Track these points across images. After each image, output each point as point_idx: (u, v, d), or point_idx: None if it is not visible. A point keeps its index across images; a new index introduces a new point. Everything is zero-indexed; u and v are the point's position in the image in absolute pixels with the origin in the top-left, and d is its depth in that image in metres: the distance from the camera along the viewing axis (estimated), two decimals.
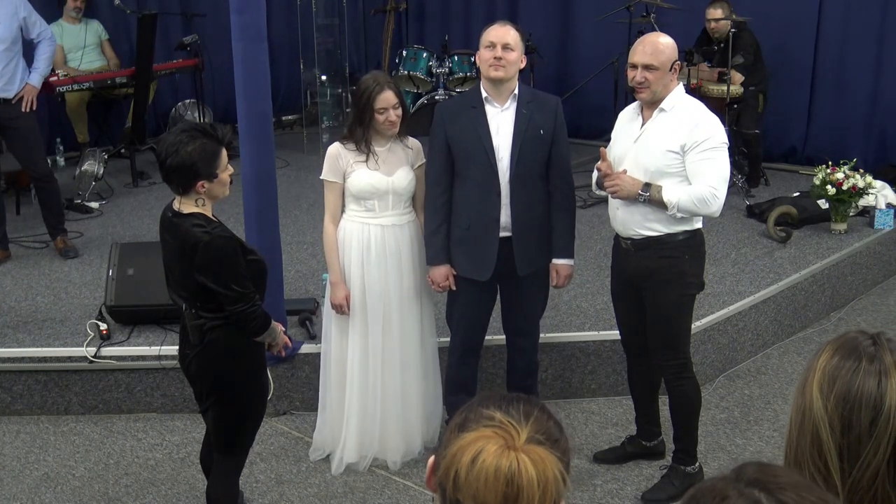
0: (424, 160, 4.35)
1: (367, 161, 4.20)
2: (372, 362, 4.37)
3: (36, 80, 6.33)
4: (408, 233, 4.35)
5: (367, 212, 4.27)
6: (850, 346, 1.64)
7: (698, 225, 4.02)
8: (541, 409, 1.53)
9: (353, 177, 4.21)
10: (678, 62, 3.90)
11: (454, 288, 4.31)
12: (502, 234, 4.19)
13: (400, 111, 4.17)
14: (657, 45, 3.89)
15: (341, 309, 4.31)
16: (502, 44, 4.07)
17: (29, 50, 6.41)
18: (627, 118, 4.13)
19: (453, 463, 1.47)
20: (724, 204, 3.91)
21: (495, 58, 4.06)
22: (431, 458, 1.57)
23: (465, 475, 1.45)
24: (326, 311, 4.46)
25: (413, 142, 4.37)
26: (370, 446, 4.49)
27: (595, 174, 4.13)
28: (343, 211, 4.33)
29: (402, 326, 4.39)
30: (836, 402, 1.58)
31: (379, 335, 4.34)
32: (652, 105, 3.94)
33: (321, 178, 4.31)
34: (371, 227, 4.27)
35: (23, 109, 6.22)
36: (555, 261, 4.33)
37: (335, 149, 4.26)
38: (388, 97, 4.12)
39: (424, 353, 4.52)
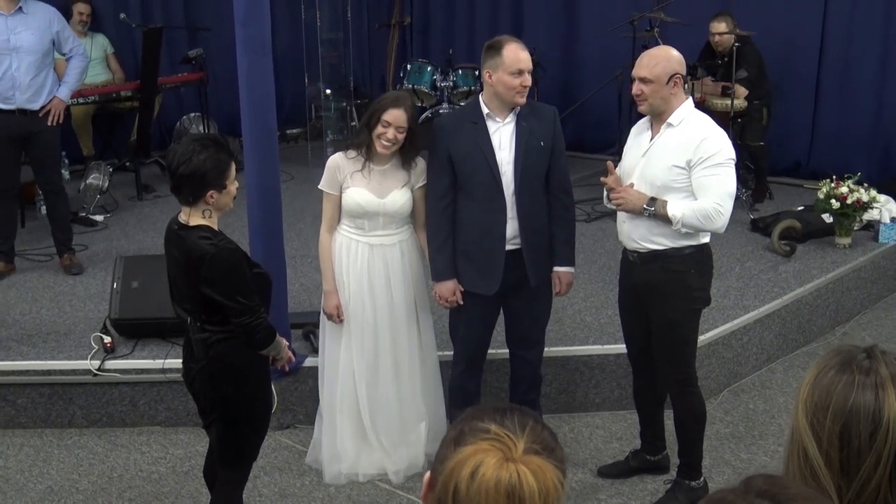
0: (426, 181, 4.31)
1: (362, 170, 4.19)
2: (358, 377, 4.37)
3: (65, 93, 6.34)
4: (398, 252, 4.33)
5: (356, 229, 4.29)
6: (844, 360, 1.63)
7: (705, 240, 4.00)
8: (534, 419, 1.53)
9: (347, 193, 4.22)
10: (678, 75, 3.88)
11: (461, 303, 4.31)
12: (508, 246, 4.20)
13: (402, 136, 4.13)
14: (654, 58, 3.90)
15: (333, 318, 4.34)
16: (529, 70, 4.08)
17: None
18: (637, 132, 4.13)
19: (452, 477, 1.46)
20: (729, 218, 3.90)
21: (524, 85, 4.06)
22: (427, 474, 1.56)
23: (465, 489, 1.44)
24: (322, 326, 4.47)
25: (418, 160, 4.34)
26: (365, 460, 4.47)
27: (605, 200, 4.16)
28: (339, 221, 4.35)
29: (395, 343, 4.39)
30: (833, 416, 1.57)
31: (370, 350, 4.34)
32: (660, 119, 3.94)
33: (319, 186, 4.32)
34: (359, 245, 4.29)
35: (49, 123, 6.23)
36: (556, 268, 4.33)
37: (335, 160, 4.28)
38: (398, 115, 4.08)
39: (424, 369, 4.51)
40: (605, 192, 4.17)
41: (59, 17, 6.35)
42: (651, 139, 3.98)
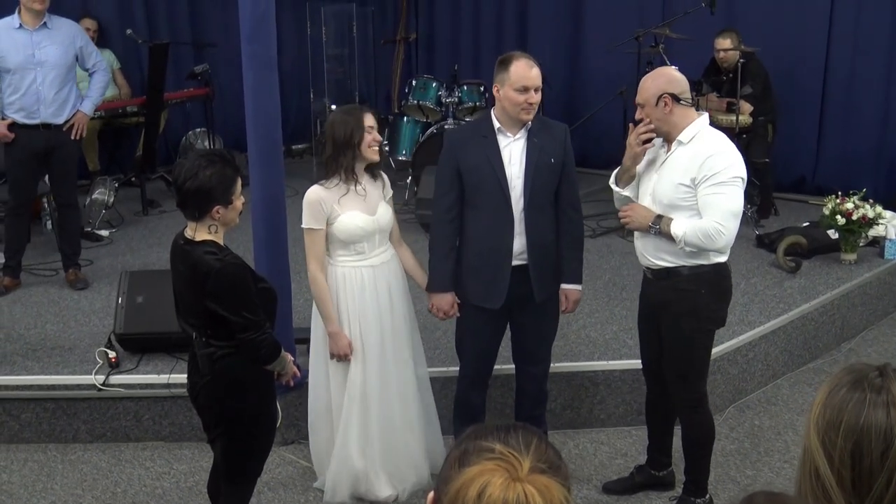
0: (391, 192, 4.33)
1: (348, 193, 4.12)
2: (369, 397, 4.32)
3: (88, 108, 6.39)
4: (393, 268, 4.32)
5: (356, 255, 4.21)
6: (856, 378, 1.62)
7: (719, 259, 3.93)
8: (538, 436, 1.52)
9: (339, 221, 4.12)
10: (666, 95, 3.85)
11: (458, 315, 4.30)
12: (514, 262, 4.19)
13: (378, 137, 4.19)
14: (644, 82, 3.96)
15: (346, 358, 4.22)
16: (535, 87, 4.07)
17: None
18: (654, 149, 4.11)
19: (458, 498, 1.44)
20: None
21: (529, 102, 4.06)
22: (431, 494, 1.55)
23: None
24: (316, 351, 4.40)
25: (382, 174, 4.32)
26: (368, 477, 4.43)
27: (612, 179, 4.16)
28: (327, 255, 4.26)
29: (397, 359, 4.35)
30: (844, 434, 1.56)
31: (376, 371, 4.29)
32: (671, 138, 3.94)
33: (303, 226, 4.18)
34: (363, 270, 4.21)
35: (72, 137, 6.29)
36: (564, 286, 4.33)
37: (316, 193, 4.14)
38: (371, 117, 4.13)
39: (419, 382, 4.49)
40: (613, 175, 4.16)
41: (82, 32, 6.44)
42: (665, 156, 3.97)
